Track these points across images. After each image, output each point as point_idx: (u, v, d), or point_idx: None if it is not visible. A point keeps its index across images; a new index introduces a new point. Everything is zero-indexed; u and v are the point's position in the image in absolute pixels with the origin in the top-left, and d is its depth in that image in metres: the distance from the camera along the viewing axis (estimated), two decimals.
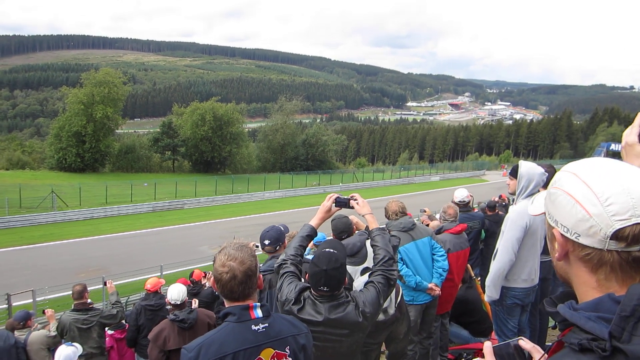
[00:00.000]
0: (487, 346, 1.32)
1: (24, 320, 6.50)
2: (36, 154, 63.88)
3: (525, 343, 1.34)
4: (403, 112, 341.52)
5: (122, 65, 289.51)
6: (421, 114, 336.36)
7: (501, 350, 1.34)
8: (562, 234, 1.06)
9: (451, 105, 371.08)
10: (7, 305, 12.64)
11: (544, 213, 1.18)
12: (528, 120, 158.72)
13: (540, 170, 4.21)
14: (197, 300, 6.69)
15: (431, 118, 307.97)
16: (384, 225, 4.83)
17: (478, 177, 68.60)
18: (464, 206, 7.12)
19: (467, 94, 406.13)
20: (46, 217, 31.55)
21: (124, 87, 56.82)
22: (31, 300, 13.56)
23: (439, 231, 5.73)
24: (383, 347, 4.72)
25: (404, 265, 4.89)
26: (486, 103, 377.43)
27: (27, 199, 33.85)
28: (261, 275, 2.37)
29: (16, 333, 6.00)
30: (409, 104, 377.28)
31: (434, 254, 5.15)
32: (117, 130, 61.97)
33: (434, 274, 5.08)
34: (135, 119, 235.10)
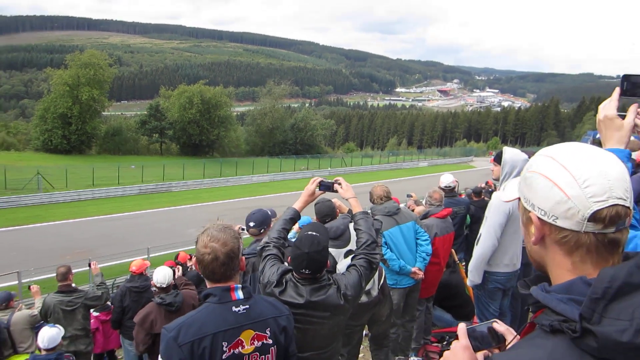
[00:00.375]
0: (462, 328, 1.35)
1: (6, 302, 6.49)
2: (21, 135, 62.94)
3: (499, 325, 1.37)
4: (392, 98, 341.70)
5: (108, 47, 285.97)
6: (410, 100, 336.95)
7: (475, 332, 1.37)
8: (539, 217, 1.08)
9: (440, 91, 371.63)
10: None
11: (518, 198, 1.21)
12: (516, 108, 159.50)
13: (524, 156, 4.26)
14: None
15: (420, 104, 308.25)
16: (368, 210, 4.88)
17: (466, 163, 69.03)
18: (450, 191, 7.18)
19: (455, 80, 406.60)
20: (32, 198, 31.27)
21: (109, 69, 56.19)
22: (17, 282, 13.51)
23: (425, 216, 5.77)
24: (366, 330, 4.80)
25: (388, 249, 4.93)
26: (475, 90, 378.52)
27: (12, 181, 33.48)
28: (244, 258, 2.39)
29: None
30: (398, 89, 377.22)
31: (417, 238, 5.20)
32: (103, 112, 61.33)
33: (418, 258, 5.13)
34: (122, 102, 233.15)
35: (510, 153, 4.33)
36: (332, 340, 2.92)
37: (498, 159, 4.41)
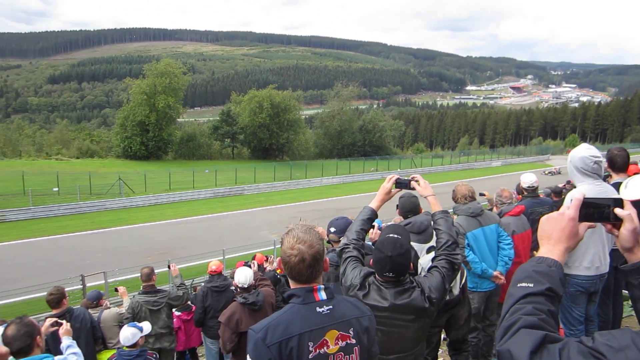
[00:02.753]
0: (579, 197, 1.44)
1: (97, 300, 6.84)
2: (103, 143, 66.56)
3: (621, 211, 1.44)
4: (462, 97, 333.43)
5: (182, 55, 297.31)
6: (481, 98, 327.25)
7: (592, 202, 1.49)
8: None
9: (513, 88, 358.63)
10: (81, 286, 13.30)
11: None
12: (596, 103, 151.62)
13: (582, 154, 3.95)
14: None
15: (492, 102, 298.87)
16: (451, 209, 4.73)
17: (542, 162, 66.27)
18: (532, 191, 6.82)
19: (529, 76, 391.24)
20: (114, 203, 32.98)
21: (184, 77, 58.29)
22: (103, 282, 14.22)
23: (498, 215, 5.59)
24: (444, 334, 4.68)
25: (471, 251, 4.81)
26: (550, 85, 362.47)
27: (96, 186, 35.40)
28: (327, 259, 2.38)
29: (90, 311, 6.31)
30: (468, 88, 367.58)
31: (500, 242, 5.04)
32: (178, 119, 63.84)
33: (499, 262, 4.99)
34: (195, 108, 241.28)
35: (571, 152, 4.07)
36: (417, 343, 2.87)
37: None
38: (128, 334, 4.77)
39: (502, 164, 64.51)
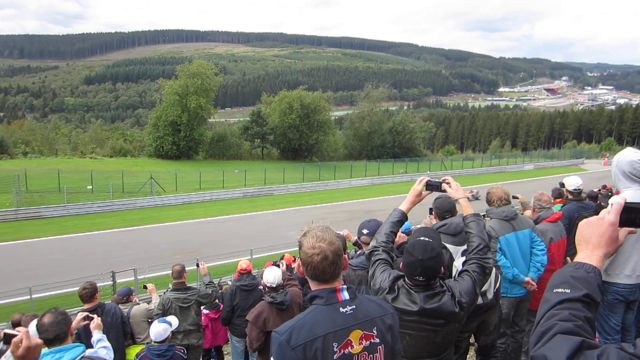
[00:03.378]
0: (620, 202, 1.39)
1: (127, 296, 6.96)
2: (136, 142, 67.71)
3: None
4: (494, 98, 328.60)
5: (214, 57, 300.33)
6: (514, 99, 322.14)
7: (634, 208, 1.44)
8: None
9: (547, 90, 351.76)
10: (112, 282, 13.56)
11: None
12: (634, 105, 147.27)
13: (630, 158, 3.81)
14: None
15: (525, 104, 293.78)
16: (484, 212, 4.65)
17: (576, 166, 64.97)
18: (578, 194, 6.52)
19: (564, 78, 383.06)
20: (146, 201, 33.52)
21: (215, 78, 58.85)
22: (132, 278, 14.46)
23: (535, 221, 5.46)
24: (472, 340, 4.60)
25: (502, 256, 4.72)
26: (586, 87, 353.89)
27: (128, 184, 36.06)
28: (346, 256, 2.36)
29: (120, 307, 6.42)
30: (501, 89, 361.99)
31: (532, 247, 4.94)
32: (209, 119, 64.66)
33: (532, 268, 4.89)
34: (226, 108, 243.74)
35: (616, 156, 3.92)
36: (445, 348, 2.83)
37: None
38: (160, 329, 4.84)
39: (534, 167, 63.52)
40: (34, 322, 4.05)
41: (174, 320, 5.27)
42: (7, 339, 2.66)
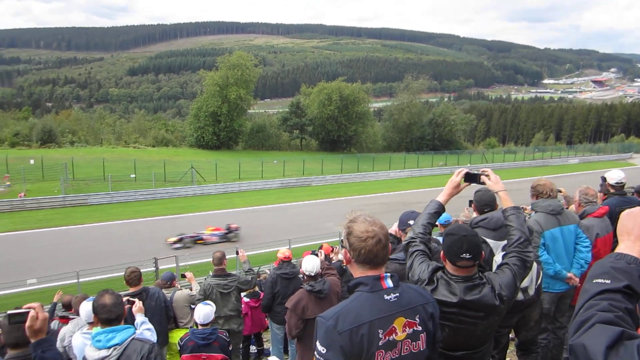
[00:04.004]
0: None
1: (170, 281, 7.15)
2: (178, 132, 68.85)
3: None
4: (538, 90, 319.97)
5: (254, 48, 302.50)
6: (559, 92, 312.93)
7: None
8: None
9: (594, 82, 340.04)
10: (154, 268, 13.90)
11: None
12: None
13: None
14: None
15: (570, 96, 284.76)
16: (530, 205, 4.56)
17: (624, 161, 62.76)
18: (620, 188, 6.31)
19: (613, 69, 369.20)
20: (187, 190, 34.19)
21: (255, 69, 59.18)
22: (174, 265, 14.80)
23: (581, 216, 5.31)
24: (512, 335, 4.54)
25: (545, 251, 4.63)
26: (636, 79, 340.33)
27: (170, 174, 36.82)
28: (390, 244, 2.37)
29: (163, 292, 6.58)
30: (545, 81, 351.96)
31: (577, 243, 4.82)
32: (249, 110, 65.05)
33: (575, 265, 4.78)
34: (266, 100, 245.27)
35: None
36: (485, 341, 2.81)
37: None
38: (207, 311, 4.96)
39: (579, 161, 61.74)
40: (86, 302, 4.21)
41: (212, 304, 5.38)
42: (16, 318, 2.79)
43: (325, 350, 2.04)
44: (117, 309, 3.31)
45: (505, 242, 3.52)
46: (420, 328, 2.20)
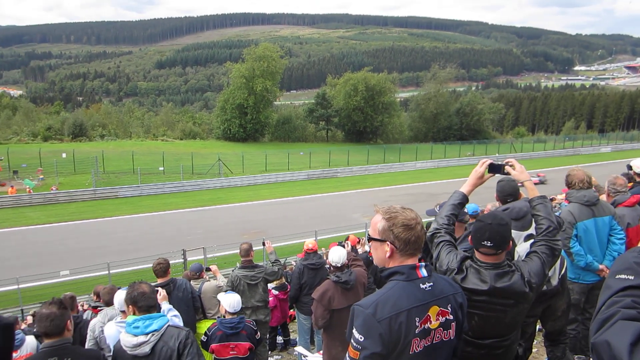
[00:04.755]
0: None
1: (199, 272, 7.26)
2: (205, 125, 69.56)
3: None
4: (569, 77, 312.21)
5: (279, 39, 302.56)
6: (590, 78, 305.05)
7: None
8: None
9: (628, 68, 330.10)
10: (183, 260, 14.15)
11: None
12: None
13: None
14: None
15: (602, 83, 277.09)
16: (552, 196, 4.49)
17: None
18: None
19: None
20: (214, 182, 34.61)
21: (281, 60, 59.23)
22: (202, 257, 15.03)
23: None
24: (539, 325, 4.51)
25: (577, 243, 4.57)
26: None
27: (198, 166, 37.27)
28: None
29: (191, 282, 6.70)
30: (577, 68, 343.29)
31: (611, 235, 4.72)
32: (275, 102, 65.29)
33: (607, 257, 4.69)
34: (292, 91, 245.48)
35: None
36: (513, 328, 2.82)
37: None
38: (234, 301, 5.03)
39: (612, 149, 60.28)
40: (120, 292, 4.37)
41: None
42: None
43: (363, 338, 2.07)
44: (154, 296, 3.47)
45: (527, 232, 3.50)
46: (451, 317, 2.24)
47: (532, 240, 2.96)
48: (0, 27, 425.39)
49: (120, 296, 4.32)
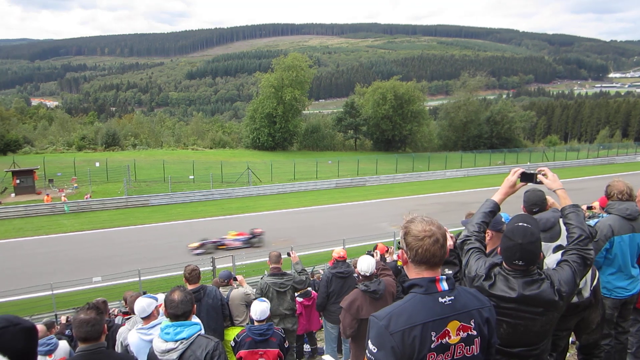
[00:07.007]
0: None
1: (227, 279, 7.33)
2: (234, 134, 70.42)
3: None
4: (603, 85, 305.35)
5: (308, 49, 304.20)
6: (626, 86, 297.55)
7: None
8: None
9: None
10: (211, 267, 14.28)
11: None
12: None
13: None
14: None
15: (639, 90, 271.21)
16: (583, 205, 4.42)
17: None
18: None
19: None
20: (243, 191, 34.83)
21: (310, 70, 59.65)
22: (230, 264, 15.14)
23: None
24: (573, 338, 4.42)
25: (604, 257, 4.44)
26: None
27: (227, 175, 37.65)
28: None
29: (220, 289, 6.77)
30: (611, 75, 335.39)
31: None
32: (303, 111, 65.61)
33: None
34: (320, 100, 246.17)
35: None
36: (543, 337, 2.78)
37: None
38: (263, 308, 5.07)
39: None
40: (140, 299, 4.42)
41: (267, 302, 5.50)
42: None
43: (376, 349, 2.08)
44: (184, 305, 3.47)
45: (556, 243, 3.45)
46: (475, 333, 2.19)
47: (562, 251, 2.92)
48: (38, 40, 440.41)
49: (140, 303, 4.37)
